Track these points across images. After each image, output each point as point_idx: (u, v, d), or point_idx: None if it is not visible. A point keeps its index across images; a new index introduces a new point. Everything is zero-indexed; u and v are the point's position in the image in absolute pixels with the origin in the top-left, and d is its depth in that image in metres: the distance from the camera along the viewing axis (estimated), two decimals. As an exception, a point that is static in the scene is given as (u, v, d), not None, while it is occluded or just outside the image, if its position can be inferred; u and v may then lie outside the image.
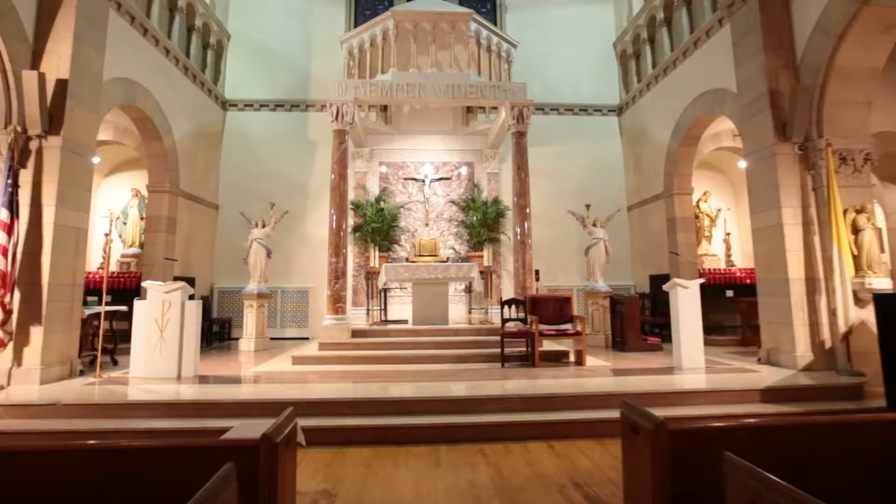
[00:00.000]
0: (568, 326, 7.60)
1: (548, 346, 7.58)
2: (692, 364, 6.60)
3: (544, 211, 11.43)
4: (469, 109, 11.75)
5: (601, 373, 6.54)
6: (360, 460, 4.22)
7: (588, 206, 9.73)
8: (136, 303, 6.38)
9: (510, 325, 7.40)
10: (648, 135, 10.83)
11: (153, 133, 8.66)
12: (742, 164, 7.80)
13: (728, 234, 10.69)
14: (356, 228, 10.87)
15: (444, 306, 8.54)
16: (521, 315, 7.63)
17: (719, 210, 10.80)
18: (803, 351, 6.36)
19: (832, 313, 6.19)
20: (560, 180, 11.57)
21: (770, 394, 5.40)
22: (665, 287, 7.03)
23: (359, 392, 5.49)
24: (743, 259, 10.86)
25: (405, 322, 9.09)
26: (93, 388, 5.64)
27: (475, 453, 4.38)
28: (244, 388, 5.85)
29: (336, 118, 8.28)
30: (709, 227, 10.72)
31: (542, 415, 5.04)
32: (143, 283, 6.39)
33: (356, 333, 7.91)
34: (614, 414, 3.07)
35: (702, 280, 6.92)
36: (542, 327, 7.19)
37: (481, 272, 9.03)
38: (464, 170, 11.56)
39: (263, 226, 9.32)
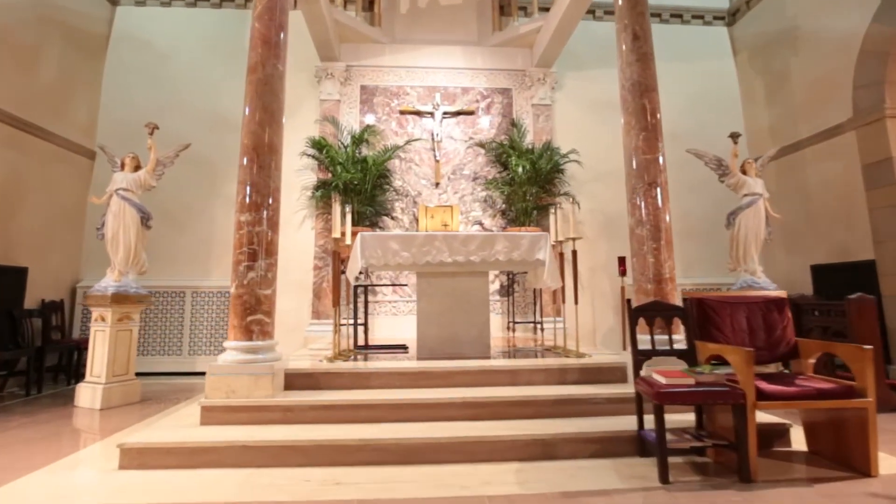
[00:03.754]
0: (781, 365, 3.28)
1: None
2: None
3: (617, 167, 7.18)
4: (502, 10, 7.52)
5: None
6: None
7: (735, 138, 5.46)
8: None
9: (651, 370, 3.04)
10: (804, 37, 6.58)
11: None
12: None
13: (936, 197, 6.41)
14: (320, 185, 6.53)
15: (482, 321, 4.22)
16: (665, 337, 3.31)
17: (923, 158, 6.54)
18: None
19: None
20: (644, 120, 7.27)
21: None
22: None
23: None
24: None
25: (403, 350, 4.75)
26: None
27: None
28: None
29: (259, -74, 3.96)
30: (909, 184, 6.44)
31: None
32: None
33: (295, 381, 3.57)
34: None
35: None
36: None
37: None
38: (496, 101, 7.26)
39: (136, 168, 4.97)
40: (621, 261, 6.66)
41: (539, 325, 6.21)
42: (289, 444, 2.94)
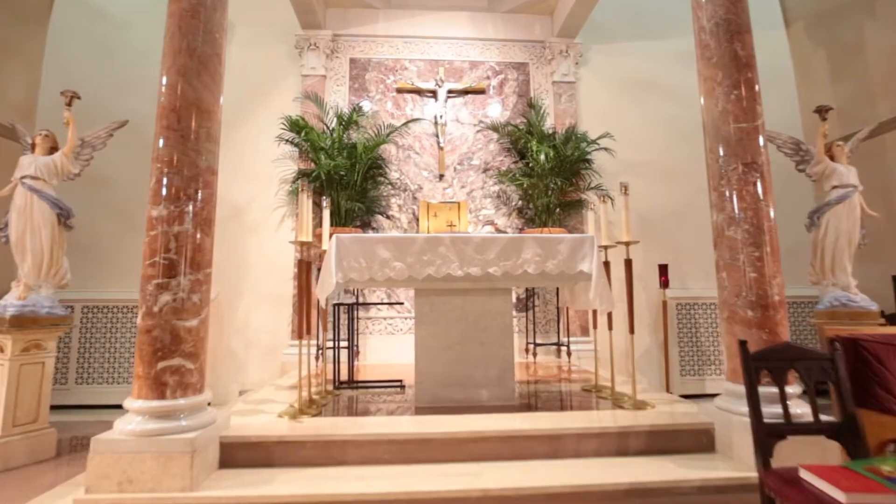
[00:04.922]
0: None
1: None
2: None
3: (651, 157, 6.11)
4: (517, -30, 6.38)
5: None
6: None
7: (823, 112, 4.31)
8: None
9: (800, 467, 1.91)
10: (885, -5, 5.45)
11: None
12: None
13: None
14: (300, 177, 5.39)
15: (504, 356, 3.10)
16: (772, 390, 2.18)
17: None
18: None
19: None
20: (674, 102, 6.16)
21: None
22: None
23: None
24: None
25: (398, 388, 3.62)
26: None
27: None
28: None
29: None
30: None
31: None
32: None
33: (236, 454, 2.44)
34: None
35: None
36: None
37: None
38: (510, 77, 6.12)
39: (52, 150, 3.84)
40: (662, 269, 5.54)
41: (565, 349, 5.08)
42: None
